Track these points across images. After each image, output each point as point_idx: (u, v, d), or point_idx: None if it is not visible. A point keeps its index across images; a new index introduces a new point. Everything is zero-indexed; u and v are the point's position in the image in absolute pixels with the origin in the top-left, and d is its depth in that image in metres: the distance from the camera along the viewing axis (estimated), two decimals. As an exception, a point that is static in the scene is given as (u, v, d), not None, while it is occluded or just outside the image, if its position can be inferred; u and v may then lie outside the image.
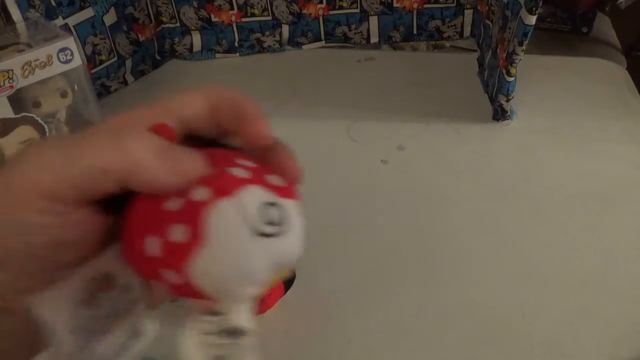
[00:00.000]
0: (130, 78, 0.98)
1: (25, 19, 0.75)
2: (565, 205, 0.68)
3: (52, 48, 0.68)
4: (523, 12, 0.70)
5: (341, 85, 0.94)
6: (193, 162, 0.23)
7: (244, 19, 1.02)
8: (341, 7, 1.01)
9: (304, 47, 1.05)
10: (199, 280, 0.22)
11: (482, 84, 0.91)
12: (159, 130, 0.24)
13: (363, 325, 0.54)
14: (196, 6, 1.00)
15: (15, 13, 0.74)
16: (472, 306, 0.56)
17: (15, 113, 0.67)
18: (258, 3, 1.00)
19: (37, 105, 0.71)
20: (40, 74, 0.67)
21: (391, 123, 0.84)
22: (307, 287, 0.58)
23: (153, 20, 1.00)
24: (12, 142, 0.69)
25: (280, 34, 1.04)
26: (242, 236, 0.22)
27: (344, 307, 0.56)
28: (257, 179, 0.23)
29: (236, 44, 1.04)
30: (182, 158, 0.23)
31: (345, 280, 0.59)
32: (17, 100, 0.67)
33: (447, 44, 1.05)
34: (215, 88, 0.27)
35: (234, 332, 0.24)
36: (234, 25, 1.02)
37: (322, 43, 1.05)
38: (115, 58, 0.94)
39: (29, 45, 0.67)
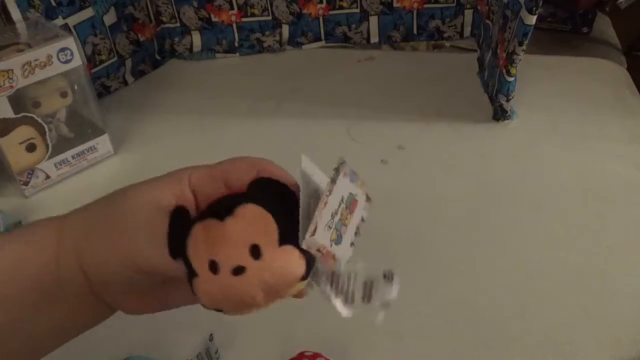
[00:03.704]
0: (130, 78, 0.98)
1: (25, 19, 0.75)
2: (565, 204, 0.68)
3: (52, 48, 0.68)
4: (523, 12, 0.70)
5: (341, 85, 0.94)
6: None
7: (244, 19, 1.02)
8: (341, 7, 1.01)
9: (304, 47, 1.05)
10: None
11: (482, 84, 0.91)
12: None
13: (362, 325, 0.54)
14: (196, 6, 1.00)
15: (15, 13, 0.74)
16: (472, 306, 0.56)
17: (15, 113, 0.67)
18: (258, 3, 1.00)
19: (37, 105, 0.71)
20: (40, 74, 0.67)
21: (391, 123, 0.84)
22: (307, 287, 0.58)
23: (153, 20, 1.00)
24: (12, 142, 0.69)
25: (280, 34, 1.04)
26: None
27: (344, 307, 0.56)
28: None
29: (236, 44, 1.04)
30: None
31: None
32: (17, 100, 0.67)
33: (447, 44, 1.05)
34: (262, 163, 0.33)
35: None
36: (234, 25, 1.02)
37: (322, 43, 1.05)
38: (115, 58, 0.94)
39: (29, 45, 0.67)
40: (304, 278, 0.30)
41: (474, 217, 0.67)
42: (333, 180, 0.31)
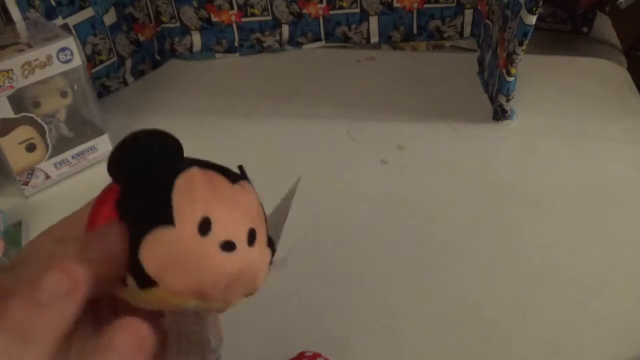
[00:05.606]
0: (130, 78, 0.98)
1: (25, 18, 0.75)
2: (565, 205, 0.68)
3: (52, 48, 0.68)
4: (523, 12, 0.70)
5: (341, 85, 0.94)
6: None
7: (244, 19, 1.02)
8: (341, 7, 1.01)
9: (304, 47, 1.05)
10: None
11: (482, 84, 0.91)
12: None
13: (362, 325, 0.54)
14: (196, 6, 1.00)
15: (15, 13, 0.74)
16: (473, 306, 0.56)
17: (15, 113, 0.67)
18: (258, 3, 1.00)
19: (36, 105, 0.71)
20: (40, 74, 0.67)
21: (391, 123, 0.84)
22: (306, 286, 0.58)
23: (153, 20, 1.00)
24: (12, 142, 0.69)
25: (280, 34, 1.04)
26: None
27: (343, 307, 0.56)
28: None
29: (236, 44, 1.04)
30: None
31: (345, 279, 0.59)
32: (17, 100, 0.67)
33: (447, 43, 1.05)
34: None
35: None
36: (234, 25, 1.02)
37: (322, 43, 1.05)
38: (115, 58, 0.94)
39: (29, 45, 0.67)
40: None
41: (474, 216, 0.67)
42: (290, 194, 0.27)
